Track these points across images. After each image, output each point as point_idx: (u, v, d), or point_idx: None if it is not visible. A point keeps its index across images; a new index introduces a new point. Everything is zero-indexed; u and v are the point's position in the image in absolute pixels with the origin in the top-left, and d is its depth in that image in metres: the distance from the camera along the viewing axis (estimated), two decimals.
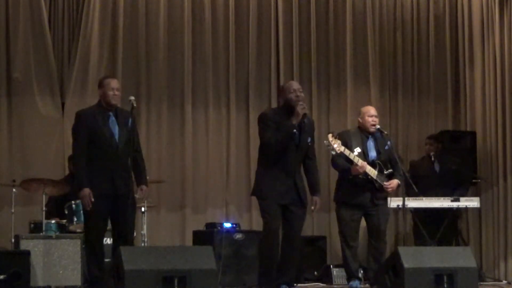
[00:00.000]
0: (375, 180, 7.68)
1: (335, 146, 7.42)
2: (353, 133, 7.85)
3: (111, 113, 6.89)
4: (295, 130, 6.98)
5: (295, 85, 7.27)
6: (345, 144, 7.64)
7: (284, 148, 7.00)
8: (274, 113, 7.22)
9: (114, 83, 6.94)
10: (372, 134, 7.90)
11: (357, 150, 7.65)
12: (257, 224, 7.81)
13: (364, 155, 7.71)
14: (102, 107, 6.91)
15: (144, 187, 6.99)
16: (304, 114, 7.01)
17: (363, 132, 7.88)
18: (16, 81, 9.30)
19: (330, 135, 7.50)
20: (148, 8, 9.90)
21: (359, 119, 7.97)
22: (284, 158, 7.03)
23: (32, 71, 9.34)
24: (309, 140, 7.19)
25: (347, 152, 7.55)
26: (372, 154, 7.82)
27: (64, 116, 9.41)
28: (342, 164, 7.74)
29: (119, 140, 6.82)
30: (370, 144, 7.87)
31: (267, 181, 7.08)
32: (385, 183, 7.73)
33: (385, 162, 7.82)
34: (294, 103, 7.03)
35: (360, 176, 7.64)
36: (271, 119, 7.08)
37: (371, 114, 7.91)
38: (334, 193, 7.99)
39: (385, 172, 7.77)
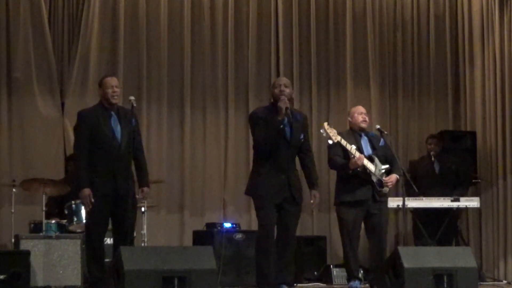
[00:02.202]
0: (374, 174, 7.68)
1: (331, 134, 7.43)
2: (346, 134, 7.85)
3: (112, 113, 6.89)
4: (282, 126, 6.98)
5: (281, 80, 7.26)
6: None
7: (274, 145, 7.00)
8: (263, 111, 7.22)
9: (113, 81, 6.94)
10: (364, 131, 7.91)
11: (353, 147, 7.65)
12: (257, 224, 7.78)
13: (360, 152, 7.70)
14: (103, 107, 6.90)
15: (145, 188, 6.98)
16: (286, 108, 7.00)
17: (356, 132, 7.89)
18: (16, 81, 9.30)
19: (325, 124, 7.51)
20: (149, 8, 9.89)
21: (349, 119, 7.99)
22: (276, 156, 7.02)
23: (32, 71, 9.33)
24: (301, 136, 7.17)
25: (343, 142, 7.55)
26: (368, 150, 7.82)
27: (64, 116, 9.41)
28: (339, 161, 7.74)
29: (121, 140, 6.82)
30: (364, 141, 7.88)
31: (260, 179, 7.08)
32: (384, 178, 7.73)
33: (381, 158, 7.82)
34: (277, 98, 7.05)
35: (358, 169, 7.63)
36: (260, 117, 7.09)
37: (360, 112, 7.94)
38: (334, 196, 7.97)
39: (383, 167, 7.77)
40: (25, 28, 9.33)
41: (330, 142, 7.52)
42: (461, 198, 9.52)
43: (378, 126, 8.09)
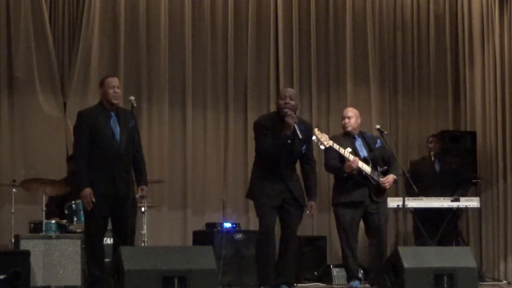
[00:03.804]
0: (370, 176, 7.68)
1: (322, 140, 7.42)
2: (341, 137, 7.86)
3: (112, 113, 6.88)
4: (289, 141, 7.00)
5: (288, 92, 7.24)
6: None
7: (279, 156, 7.04)
8: (268, 120, 7.22)
9: (114, 82, 6.94)
10: (358, 133, 7.91)
11: (348, 150, 7.65)
12: (255, 225, 7.81)
13: (355, 154, 7.70)
14: (103, 107, 6.90)
15: (144, 187, 6.99)
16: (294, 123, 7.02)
17: (350, 134, 7.90)
18: (18, 80, 9.30)
19: (316, 129, 7.49)
20: (149, 9, 9.90)
21: (342, 123, 8.00)
22: (275, 164, 7.06)
23: (33, 71, 9.33)
24: (303, 147, 7.17)
25: (336, 146, 7.56)
26: (363, 152, 7.82)
27: (66, 115, 9.41)
28: (334, 164, 7.75)
29: (120, 140, 6.81)
30: (359, 143, 7.89)
31: (259, 184, 7.12)
32: (381, 179, 7.73)
33: (378, 159, 7.82)
34: (282, 111, 7.04)
35: (354, 172, 7.64)
36: (265, 127, 7.10)
37: (343, 116, 7.96)
38: (331, 197, 7.98)
39: (379, 169, 7.77)
40: (26, 27, 9.33)
41: (322, 147, 7.52)
42: (461, 198, 9.53)
43: (378, 126, 8.10)
